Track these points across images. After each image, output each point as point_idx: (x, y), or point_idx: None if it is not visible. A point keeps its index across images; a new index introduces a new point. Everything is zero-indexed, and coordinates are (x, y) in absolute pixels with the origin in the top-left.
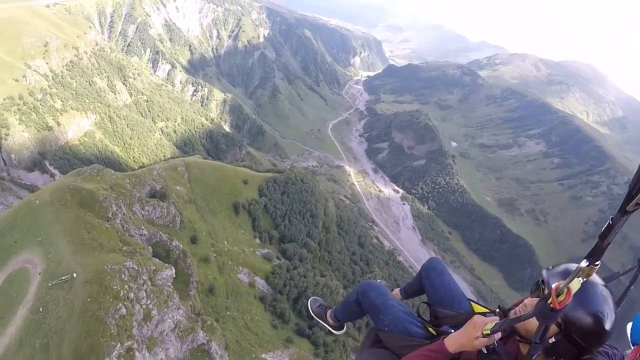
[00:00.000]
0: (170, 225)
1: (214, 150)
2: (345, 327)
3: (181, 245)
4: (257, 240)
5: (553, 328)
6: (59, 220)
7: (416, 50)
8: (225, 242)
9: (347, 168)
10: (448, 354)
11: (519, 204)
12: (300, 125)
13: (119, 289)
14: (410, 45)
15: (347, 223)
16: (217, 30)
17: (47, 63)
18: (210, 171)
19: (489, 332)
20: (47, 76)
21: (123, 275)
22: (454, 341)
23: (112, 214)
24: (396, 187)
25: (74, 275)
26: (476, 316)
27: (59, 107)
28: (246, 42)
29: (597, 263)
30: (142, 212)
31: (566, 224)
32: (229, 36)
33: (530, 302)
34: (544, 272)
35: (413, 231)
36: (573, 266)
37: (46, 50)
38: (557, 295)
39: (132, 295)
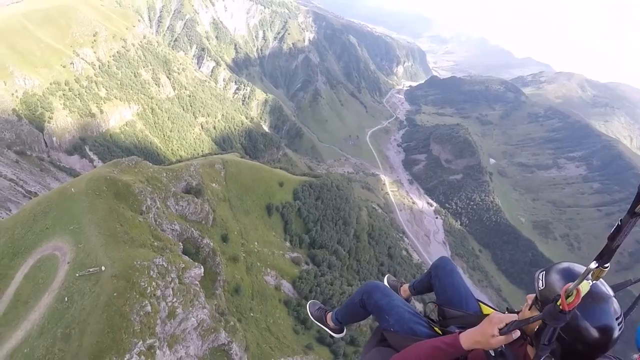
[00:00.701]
0: (203, 222)
1: (252, 149)
2: (345, 330)
3: (212, 244)
4: (288, 244)
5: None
6: (93, 210)
7: (460, 63)
8: (256, 243)
9: (383, 177)
10: (461, 350)
11: (553, 228)
12: (339, 131)
13: (146, 285)
14: (454, 57)
15: (378, 233)
16: (263, 31)
17: (94, 52)
18: (247, 171)
19: (505, 330)
20: (94, 65)
21: (151, 272)
22: (469, 337)
23: (146, 208)
24: (430, 200)
25: (102, 268)
26: (494, 313)
27: (103, 95)
28: (291, 45)
29: (606, 265)
30: (176, 206)
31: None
32: (275, 38)
33: (530, 297)
34: (540, 273)
35: (443, 246)
36: (578, 267)
37: (95, 40)
38: (566, 297)
39: (158, 292)
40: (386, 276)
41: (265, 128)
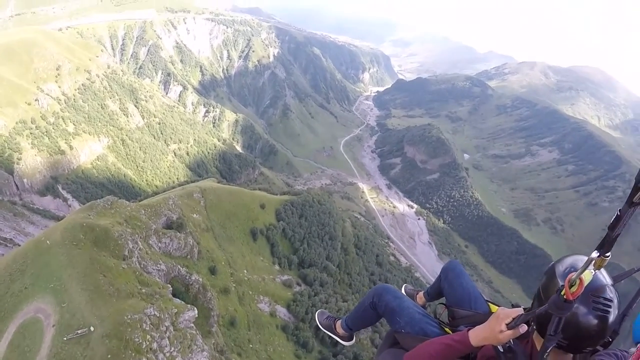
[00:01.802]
0: (188, 256)
1: (227, 172)
2: (354, 338)
3: (201, 279)
4: (277, 267)
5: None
6: (72, 263)
7: (424, 63)
8: (245, 271)
9: (361, 185)
10: (470, 347)
11: (534, 214)
12: (312, 144)
13: (140, 340)
14: (418, 58)
15: (364, 242)
16: (228, 50)
17: (59, 86)
18: (226, 196)
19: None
20: (60, 100)
21: (144, 325)
22: (477, 334)
23: (128, 252)
24: (410, 202)
25: (91, 328)
26: (500, 308)
27: (72, 130)
28: (256, 62)
29: (607, 254)
30: (159, 244)
31: (583, 232)
32: (239, 56)
33: None
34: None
35: (429, 246)
36: (581, 258)
37: (58, 74)
38: (570, 287)
39: (155, 345)
40: (404, 285)
41: (239, 148)
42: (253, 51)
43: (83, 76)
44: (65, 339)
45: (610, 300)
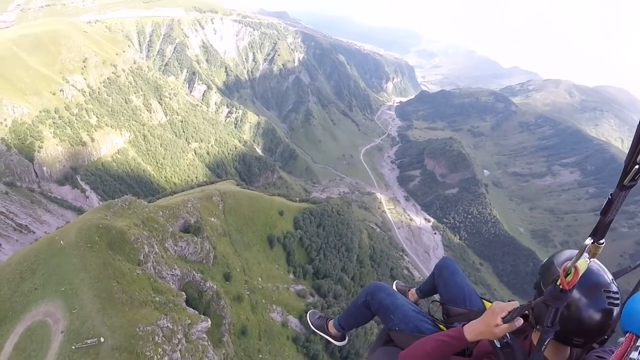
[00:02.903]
0: (204, 261)
1: (247, 174)
2: (347, 337)
3: (215, 286)
4: (291, 276)
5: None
6: (85, 267)
7: (448, 76)
8: (260, 279)
9: (379, 195)
10: (465, 342)
11: (552, 236)
12: (332, 150)
13: (152, 354)
14: (442, 71)
15: (379, 255)
16: (253, 53)
17: (84, 79)
18: (245, 201)
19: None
20: (84, 91)
21: (156, 337)
22: (473, 329)
23: (143, 256)
24: (427, 216)
25: (102, 339)
26: (496, 302)
27: (94, 122)
28: (281, 66)
29: (601, 241)
30: (175, 247)
31: (601, 257)
32: (265, 59)
33: None
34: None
35: None
36: (572, 251)
37: (85, 66)
38: (565, 276)
39: (166, 359)
40: (395, 282)
41: (259, 151)
42: (278, 55)
43: (109, 70)
44: (73, 347)
45: (618, 293)
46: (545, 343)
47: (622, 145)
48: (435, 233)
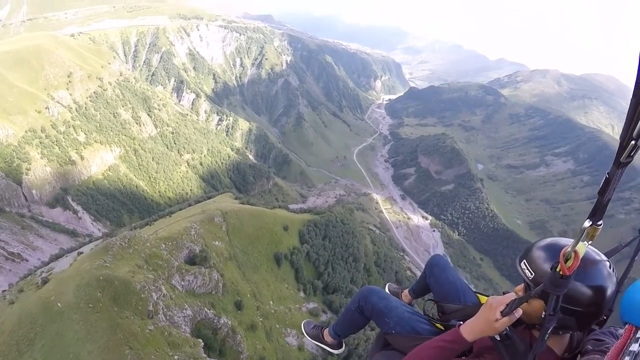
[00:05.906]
0: (213, 292)
1: (242, 183)
2: (344, 345)
3: (230, 322)
4: (302, 294)
5: (538, 304)
6: (91, 335)
7: (435, 71)
8: (271, 303)
9: (375, 195)
10: (465, 344)
11: (550, 226)
12: (326, 153)
13: None
14: (429, 66)
15: (383, 260)
16: (241, 58)
17: (70, 94)
18: (248, 219)
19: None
20: (71, 108)
21: None
22: (471, 328)
23: (153, 306)
24: (425, 214)
25: None
26: (492, 297)
27: (82, 140)
28: (269, 70)
29: (599, 222)
30: (182, 282)
31: (599, 244)
32: (252, 64)
33: (520, 288)
34: (522, 262)
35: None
36: (562, 240)
37: (70, 81)
38: (565, 262)
39: None
40: (387, 284)
41: (252, 158)
42: (266, 59)
43: (95, 84)
44: None
45: (614, 272)
46: (548, 332)
47: (613, 131)
48: (434, 231)
